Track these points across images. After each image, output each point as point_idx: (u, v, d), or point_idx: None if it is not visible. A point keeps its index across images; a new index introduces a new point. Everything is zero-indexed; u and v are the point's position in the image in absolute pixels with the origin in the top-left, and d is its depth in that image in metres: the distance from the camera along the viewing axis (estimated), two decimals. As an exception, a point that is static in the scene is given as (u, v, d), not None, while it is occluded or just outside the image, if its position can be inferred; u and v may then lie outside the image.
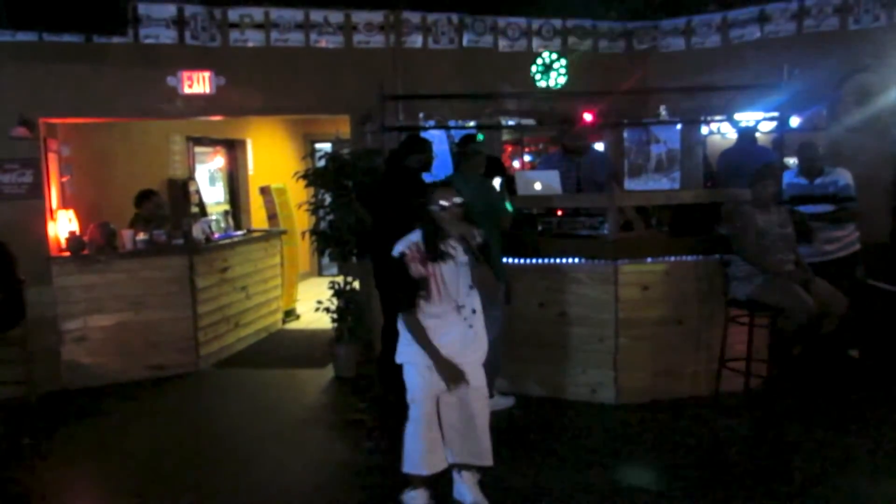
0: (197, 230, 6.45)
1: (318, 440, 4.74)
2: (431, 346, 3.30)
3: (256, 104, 6.43)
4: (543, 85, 7.14)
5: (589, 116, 6.44)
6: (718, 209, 5.27)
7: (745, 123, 6.19)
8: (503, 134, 8.05)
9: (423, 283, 3.27)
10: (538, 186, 5.54)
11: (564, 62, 7.12)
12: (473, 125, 6.77)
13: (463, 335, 3.35)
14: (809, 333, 4.80)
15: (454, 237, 3.28)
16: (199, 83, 6.18)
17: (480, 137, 6.08)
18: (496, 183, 4.95)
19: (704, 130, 7.38)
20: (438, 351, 3.30)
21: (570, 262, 5.09)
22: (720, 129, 7.49)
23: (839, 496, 3.66)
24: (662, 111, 7.16)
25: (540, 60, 7.13)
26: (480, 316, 3.43)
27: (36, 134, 5.81)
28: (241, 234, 7.52)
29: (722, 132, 7.53)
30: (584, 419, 4.79)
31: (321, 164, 6.02)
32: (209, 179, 9.04)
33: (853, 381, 5.27)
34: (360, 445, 4.49)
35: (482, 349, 3.48)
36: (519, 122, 7.81)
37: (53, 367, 5.67)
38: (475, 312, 3.38)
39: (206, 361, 6.31)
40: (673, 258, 5.08)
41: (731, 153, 6.09)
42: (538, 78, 7.14)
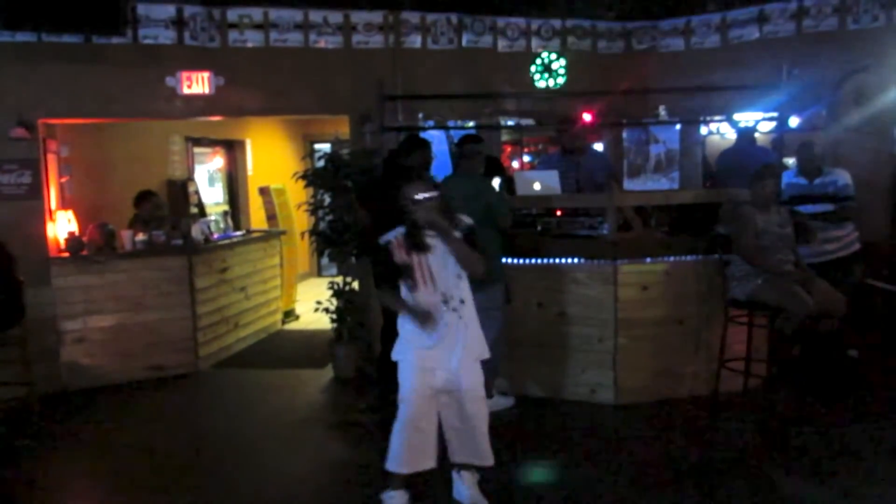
0: (196, 231, 6.45)
1: (317, 440, 4.73)
2: (405, 305, 3.35)
3: (255, 104, 6.43)
4: (542, 85, 7.14)
5: (588, 116, 6.44)
6: (718, 209, 5.27)
7: (744, 124, 6.20)
8: (502, 134, 8.05)
9: (407, 270, 3.31)
10: (537, 186, 5.55)
11: (564, 62, 7.12)
12: (472, 125, 6.77)
13: (454, 327, 3.34)
14: (809, 333, 4.81)
15: (431, 228, 3.28)
16: (198, 83, 6.18)
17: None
18: (495, 183, 4.96)
19: (704, 131, 7.38)
20: (408, 304, 3.35)
21: (569, 262, 5.09)
22: (719, 129, 7.49)
23: (839, 496, 3.66)
24: (661, 111, 7.16)
25: (539, 60, 7.14)
26: (470, 307, 3.40)
27: (35, 134, 5.80)
28: (240, 234, 7.52)
29: (721, 132, 7.54)
30: (583, 419, 4.79)
31: (320, 164, 6.02)
32: (208, 180, 9.04)
33: (852, 380, 5.26)
34: (359, 445, 4.49)
35: (477, 344, 3.44)
36: (518, 122, 7.81)
37: (52, 367, 5.67)
38: (463, 302, 3.36)
39: (205, 362, 6.31)
40: (672, 258, 5.08)
41: (730, 153, 6.10)
42: (537, 78, 7.14)
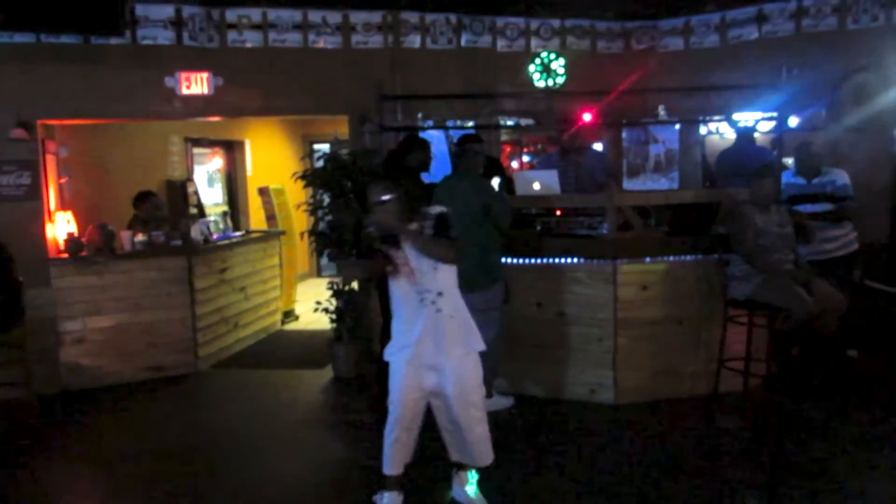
0: (195, 231, 6.45)
1: (317, 440, 4.73)
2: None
3: (254, 105, 6.42)
4: (542, 85, 7.14)
5: (588, 116, 6.44)
6: (717, 209, 5.27)
7: (743, 123, 6.20)
8: (501, 134, 8.05)
9: (388, 258, 3.31)
10: (537, 186, 5.55)
11: (563, 62, 7.12)
12: (472, 125, 6.77)
13: (434, 321, 3.29)
14: (808, 333, 4.80)
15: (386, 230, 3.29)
16: (197, 84, 6.18)
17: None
18: (495, 183, 4.95)
19: (703, 130, 7.40)
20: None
21: (568, 261, 5.09)
22: (719, 128, 7.50)
23: (838, 496, 3.66)
24: (661, 111, 7.16)
25: (538, 60, 7.13)
26: (452, 298, 3.34)
27: (34, 135, 5.80)
28: (239, 234, 7.51)
29: (720, 132, 7.54)
30: (583, 419, 4.79)
31: (320, 164, 6.02)
32: (207, 180, 9.03)
33: (852, 380, 5.26)
34: (359, 445, 4.49)
35: (466, 335, 3.38)
36: (517, 122, 7.81)
37: (52, 368, 5.67)
38: (442, 294, 3.30)
39: (205, 362, 6.30)
40: (672, 258, 5.08)
41: (729, 153, 6.10)
42: (536, 78, 7.14)
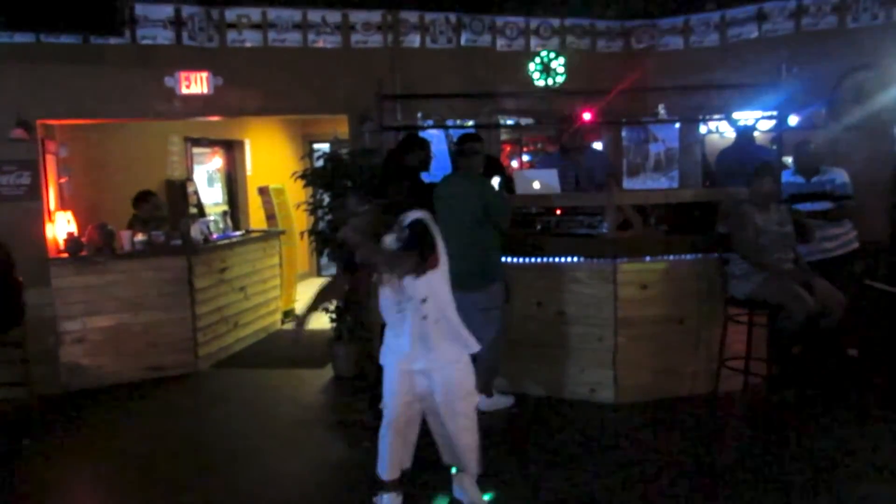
0: (195, 231, 6.45)
1: (317, 440, 4.73)
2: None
3: (254, 104, 6.42)
4: (542, 84, 7.14)
5: (588, 115, 6.43)
6: (717, 208, 5.26)
7: (743, 122, 6.19)
8: (501, 133, 8.04)
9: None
10: (537, 185, 5.55)
11: (563, 61, 7.12)
12: (472, 124, 6.76)
13: (419, 327, 3.26)
14: (809, 332, 4.80)
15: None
16: (196, 84, 6.17)
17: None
18: (495, 182, 4.95)
19: (703, 129, 7.38)
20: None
21: (568, 260, 5.09)
22: (718, 127, 7.48)
23: (838, 496, 3.66)
24: (661, 110, 7.15)
25: (538, 59, 7.13)
26: (438, 303, 3.28)
27: (33, 135, 5.79)
28: (239, 234, 7.51)
29: (720, 131, 7.52)
30: (583, 419, 4.78)
31: (319, 164, 6.02)
32: (207, 180, 9.03)
33: (852, 380, 5.26)
34: (359, 445, 4.48)
35: (456, 339, 3.34)
36: (517, 121, 7.81)
37: (52, 368, 5.67)
38: (426, 301, 3.24)
39: (204, 362, 6.30)
40: (672, 257, 5.08)
41: (729, 152, 6.09)
42: (536, 77, 7.14)
